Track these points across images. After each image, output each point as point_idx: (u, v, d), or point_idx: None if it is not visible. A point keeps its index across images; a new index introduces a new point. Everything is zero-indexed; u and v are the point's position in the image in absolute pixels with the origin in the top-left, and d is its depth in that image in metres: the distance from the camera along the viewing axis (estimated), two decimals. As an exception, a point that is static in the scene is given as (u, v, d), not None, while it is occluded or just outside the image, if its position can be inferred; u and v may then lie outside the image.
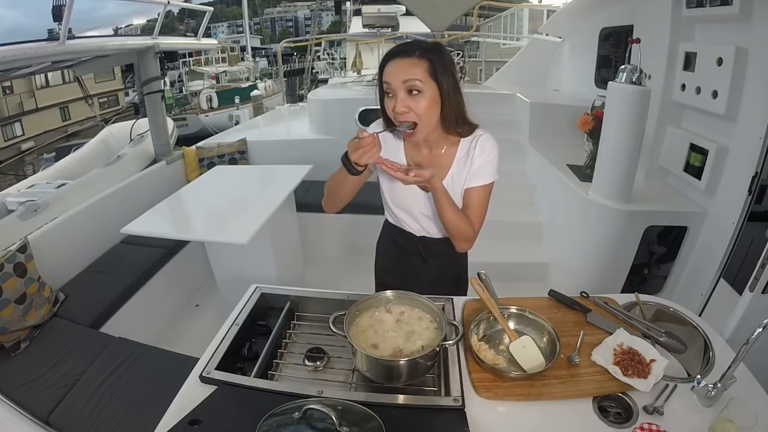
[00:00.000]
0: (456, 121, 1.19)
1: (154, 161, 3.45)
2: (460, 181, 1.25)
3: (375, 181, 1.38)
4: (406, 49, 1.11)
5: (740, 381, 0.94)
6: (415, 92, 1.09)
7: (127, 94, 18.90)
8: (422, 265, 1.41)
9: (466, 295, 1.41)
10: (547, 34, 4.34)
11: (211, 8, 4.07)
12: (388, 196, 1.35)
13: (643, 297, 1.30)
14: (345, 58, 10.13)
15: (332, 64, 10.97)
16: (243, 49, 20.41)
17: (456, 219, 1.21)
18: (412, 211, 1.33)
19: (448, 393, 0.98)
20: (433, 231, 1.35)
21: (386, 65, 1.12)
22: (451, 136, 1.24)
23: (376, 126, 1.31)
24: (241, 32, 27.07)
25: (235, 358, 1.14)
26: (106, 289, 2.27)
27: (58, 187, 4.10)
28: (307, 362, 1.13)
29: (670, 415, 0.92)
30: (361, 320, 1.12)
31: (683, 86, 2.24)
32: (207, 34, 4.32)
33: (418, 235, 1.37)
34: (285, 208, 2.42)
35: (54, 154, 9.25)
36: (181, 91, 16.91)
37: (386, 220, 1.47)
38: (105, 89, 17.75)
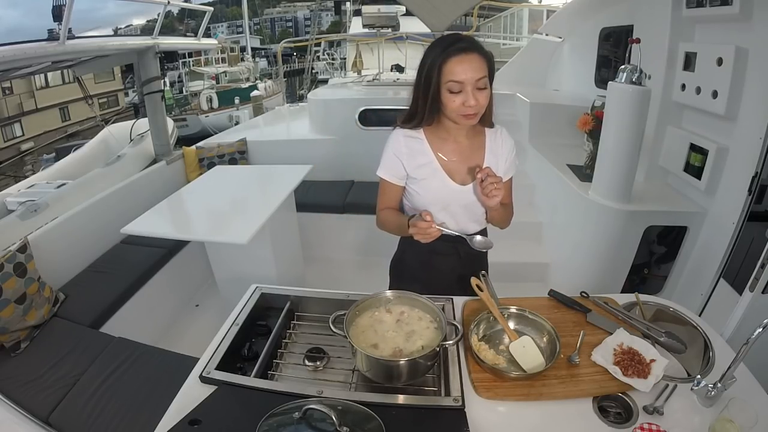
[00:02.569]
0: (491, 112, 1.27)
1: (154, 161, 3.45)
2: (493, 166, 1.30)
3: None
4: (466, 45, 1.14)
5: (740, 381, 0.94)
6: (481, 87, 1.15)
7: (127, 95, 18.90)
8: (457, 263, 1.41)
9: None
10: (547, 34, 4.34)
11: (211, 8, 4.07)
12: (422, 196, 1.31)
13: (643, 297, 1.30)
14: (345, 59, 10.13)
15: (332, 64, 10.97)
16: (243, 49, 20.37)
17: (505, 212, 1.42)
18: (449, 206, 1.32)
19: (448, 393, 0.98)
20: (468, 225, 1.36)
21: (449, 62, 1.12)
22: (477, 127, 1.30)
23: (399, 130, 1.30)
24: (241, 32, 27.03)
25: (235, 358, 1.14)
26: (106, 289, 2.27)
27: (58, 187, 4.12)
28: (307, 362, 1.13)
29: (670, 415, 0.92)
30: (361, 320, 1.12)
31: (683, 86, 2.24)
32: (207, 35, 4.32)
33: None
34: (285, 208, 2.42)
35: (54, 154, 9.27)
36: (181, 92, 16.91)
37: None
38: (105, 89, 17.75)
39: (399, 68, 7.20)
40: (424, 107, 1.21)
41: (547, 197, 3.07)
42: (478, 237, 1.30)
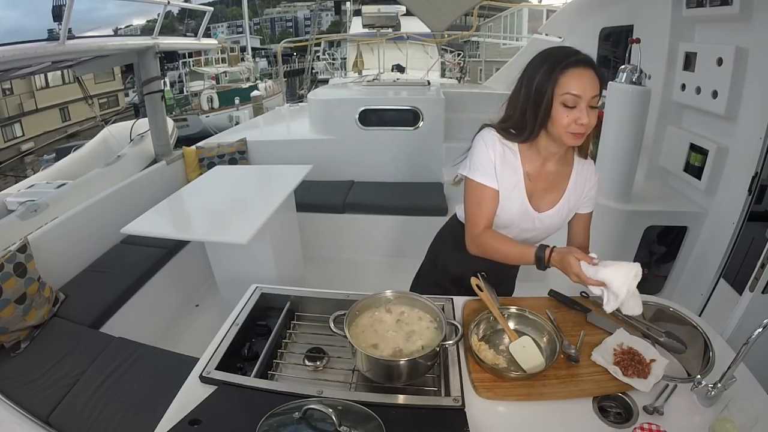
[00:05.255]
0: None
1: (154, 161, 3.45)
2: (572, 200, 1.25)
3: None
4: (585, 59, 1.07)
5: (740, 381, 0.94)
6: (594, 106, 1.06)
7: (127, 95, 18.90)
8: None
9: (513, 289, 1.44)
10: (547, 34, 4.33)
11: (211, 8, 4.06)
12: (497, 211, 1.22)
13: (643, 297, 1.30)
14: (345, 59, 10.13)
15: (332, 64, 10.97)
16: (243, 49, 20.39)
17: None
18: (518, 226, 1.27)
19: (448, 393, 0.98)
20: (524, 240, 1.32)
21: (567, 74, 1.04)
22: (569, 155, 1.22)
23: (495, 134, 1.17)
24: (241, 32, 27.07)
25: (235, 358, 1.14)
26: (106, 289, 2.27)
27: (58, 187, 4.12)
28: (307, 362, 1.13)
29: (670, 415, 0.92)
30: (361, 320, 1.12)
31: (683, 86, 2.24)
32: (207, 35, 4.31)
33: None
34: (285, 208, 2.42)
35: (54, 154, 9.28)
36: (181, 92, 16.91)
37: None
38: (105, 89, 17.74)
39: (400, 68, 7.20)
40: (534, 122, 1.09)
41: (547, 197, 3.06)
42: None
